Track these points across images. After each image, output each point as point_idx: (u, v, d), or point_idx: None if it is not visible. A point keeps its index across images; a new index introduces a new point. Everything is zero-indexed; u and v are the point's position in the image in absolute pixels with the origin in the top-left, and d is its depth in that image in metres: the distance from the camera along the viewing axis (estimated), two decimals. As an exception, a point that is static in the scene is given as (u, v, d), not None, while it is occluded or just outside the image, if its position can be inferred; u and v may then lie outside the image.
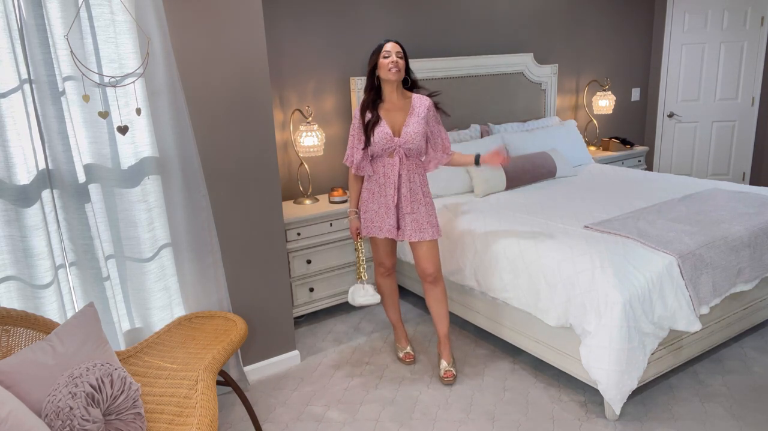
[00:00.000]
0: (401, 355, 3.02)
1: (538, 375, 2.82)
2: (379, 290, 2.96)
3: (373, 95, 2.63)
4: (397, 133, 2.62)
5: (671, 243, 2.60)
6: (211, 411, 1.80)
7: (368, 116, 2.63)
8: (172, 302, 2.58)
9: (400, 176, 2.63)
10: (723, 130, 5.49)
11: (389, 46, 2.57)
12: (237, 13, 2.52)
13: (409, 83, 2.67)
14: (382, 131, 2.59)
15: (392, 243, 2.84)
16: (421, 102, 2.65)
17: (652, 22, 5.51)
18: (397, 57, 2.55)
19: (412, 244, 2.73)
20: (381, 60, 2.56)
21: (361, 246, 2.86)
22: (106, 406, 1.69)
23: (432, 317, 2.85)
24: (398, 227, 2.69)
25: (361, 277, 2.88)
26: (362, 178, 2.77)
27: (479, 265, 2.92)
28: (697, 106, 5.50)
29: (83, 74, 2.15)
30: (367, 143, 2.62)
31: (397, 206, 2.66)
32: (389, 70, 2.54)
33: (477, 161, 2.67)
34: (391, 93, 2.62)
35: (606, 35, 5.24)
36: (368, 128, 2.61)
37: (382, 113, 2.62)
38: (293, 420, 2.56)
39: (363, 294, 2.87)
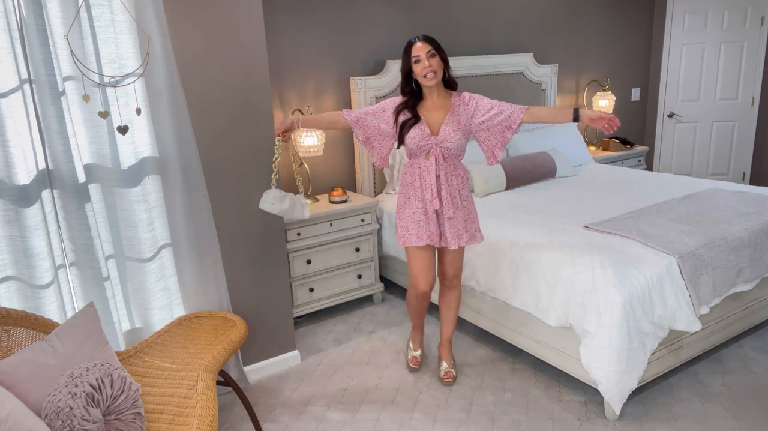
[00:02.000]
0: (409, 357, 2.94)
1: (538, 375, 2.82)
2: (408, 308, 2.78)
3: (412, 100, 2.45)
4: (435, 131, 2.44)
5: (671, 243, 2.60)
6: (211, 411, 1.80)
7: (405, 115, 2.46)
8: (172, 302, 2.58)
9: (438, 177, 2.44)
10: (723, 130, 5.48)
11: (417, 48, 2.35)
12: (237, 13, 2.52)
13: (449, 81, 2.46)
14: (419, 127, 2.42)
15: (431, 257, 2.58)
16: (460, 100, 2.47)
17: (652, 22, 5.51)
18: (428, 58, 2.33)
19: (440, 249, 2.59)
20: (414, 66, 2.38)
21: (279, 144, 2.48)
22: (106, 406, 1.69)
23: (440, 318, 2.82)
24: (440, 234, 2.51)
25: (274, 180, 2.52)
26: (339, 123, 2.54)
27: (479, 265, 2.92)
28: (697, 107, 5.50)
29: (83, 74, 2.15)
30: (401, 141, 2.47)
31: (436, 211, 2.48)
32: (424, 77, 2.35)
33: (576, 116, 2.31)
34: (431, 94, 2.45)
35: (606, 35, 5.24)
36: (404, 127, 2.44)
37: (422, 111, 2.45)
38: (293, 420, 2.56)
39: (273, 201, 2.44)
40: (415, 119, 2.43)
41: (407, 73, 2.43)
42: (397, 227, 2.56)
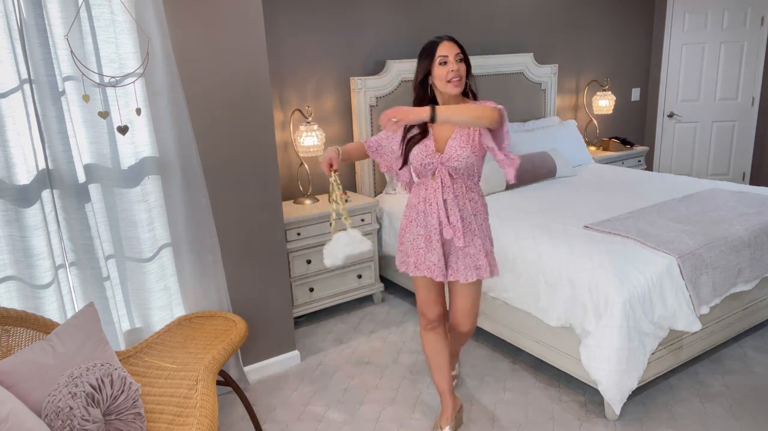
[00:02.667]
0: None
1: (538, 375, 2.82)
2: (424, 353, 2.39)
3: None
4: (441, 148, 2.10)
5: (671, 243, 2.60)
6: (211, 411, 1.80)
7: (414, 130, 2.15)
8: (172, 302, 2.58)
9: (445, 201, 2.11)
10: (723, 130, 5.48)
11: (445, 48, 2.03)
12: (237, 13, 2.52)
13: (468, 93, 2.14)
14: (424, 143, 2.11)
15: (438, 287, 2.30)
16: None
17: (652, 22, 5.51)
18: (457, 61, 2.03)
19: (450, 283, 2.26)
20: (437, 68, 2.03)
21: (337, 182, 2.17)
22: (106, 406, 1.69)
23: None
24: (447, 266, 2.19)
25: (332, 224, 2.22)
26: (363, 153, 2.33)
27: (479, 265, 2.91)
28: (697, 107, 5.50)
29: (83, 74, 2.15)
30: (405, 161, 2.17)
31: (443, 239, 2.15)
32: (449, 82, 2.02)
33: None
34: (444, 102, 2.11)
35: (606, 35, 5.24)
36: (409, 143, 2.14)
37: (432, 125, 2.11)
38: (293, 420, 2.56)
39: (348, 242, 2.12)
40: (422, 133, 2.13)
41: (423, 79, 2.10)
42: (398, 251, 2.31)
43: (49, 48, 2.09)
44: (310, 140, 3.42)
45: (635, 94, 5.62)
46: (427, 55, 2.07)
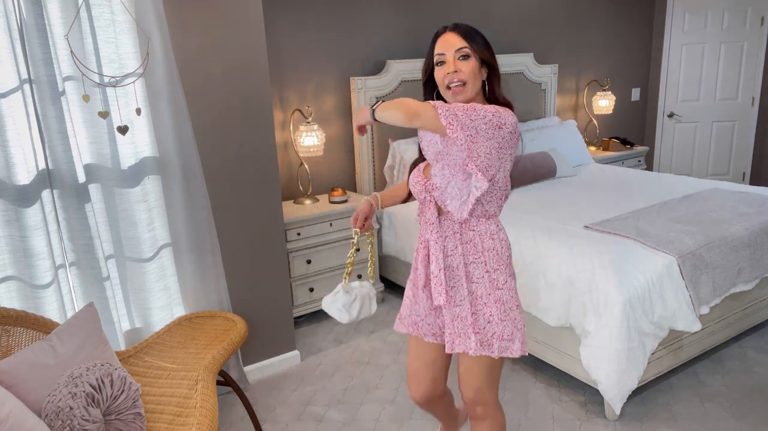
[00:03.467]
0: None
1: (538, 375, 2.82)
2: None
3: None
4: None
5: (671, 243, 2.60)
6: (211, 411, 1.80)
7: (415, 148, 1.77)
8: (172, 302, 2.58)
9: (426, 241, 1.65)
10: (723, 130, 5.48)
11: (444, 42, 1.55)
12: (237, 12, 2.52)
13: (490, 92, 1.60)
14: (418, 167, 1.69)
15: (429, 353, 1.77)
16: None
17: (652, 22, 5.51)
18: (458, 59, 1.53)
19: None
20: (435, 70, 1.58)
21: (358, 237, 1.85)
22: (106, 406, 1.69)
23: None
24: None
25: (346, 281, 1.87)
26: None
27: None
28: (697, 106, 5.50)
29: (83, 74, 2.15)
30: (410, 194, 1.76)
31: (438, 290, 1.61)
32: (448, 88, 1.55)
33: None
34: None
35: (606, 35, 5.24)
36: (409, 168, 1.77)
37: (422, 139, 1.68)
38: (293, 420, 2.56)
39: (360, 302, 1.83)
40: (421, 155, 1.72)
41: (429, 78, 1.64)
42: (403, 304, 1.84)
43: (49, 48, 2.09)
44: (310, 140, 3.42)
45: (635, 94, 5.62)
46: (430, 50, 1.62)
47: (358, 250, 1.78)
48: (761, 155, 5.45)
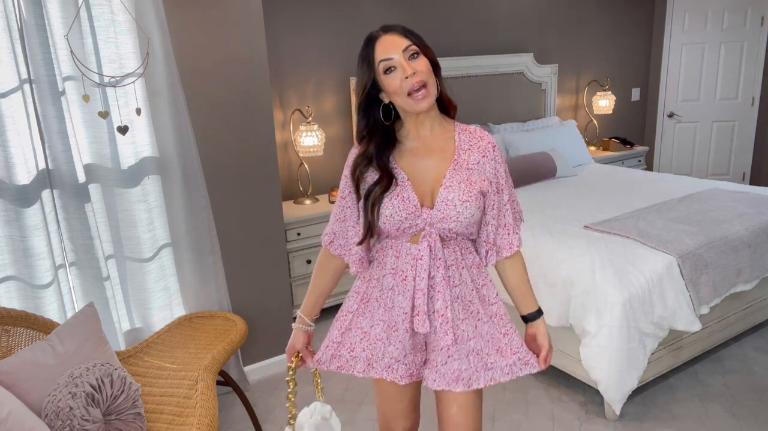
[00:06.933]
0: None
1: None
2: None
3: (378, 141, 1.40)
4: (428, 199, 1.40)
5: (671, 243, 2.60)
6: (211, 411, 1.80)
7: (370, 175, 1.41)
8: (172, 302, 2.58)
9: (432, 277, 1.40)
10: (723, 130, 5.48)
11: (385, 46, 1.32)
12: (237, 13, 2.52)
13: (444, 102, 1.43)
14: (398, 195, 1.38)
15: (406, 392, 1.58)
16: (473, 141, 1.42)
17: (652, 22, 5.51)
18: (409, 59, 1.32)
19: (438, 393, 1.50)
20: (384, 81, 1.34)
21: (293, 373, 1.67)
22: (106, 406, 1.69)
23: None
24: (426, 361, 1.48)
25: (290, 421, 1.68)
26: (340, 265, 1.63)
27: (479, 265, 2.91)
28: (697, 107, 5.50)
29: (83, 74, 2.15)
30: (368, 230, 1.41)
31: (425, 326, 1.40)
32: (410, 96, 1.32)
33: (531, 318, 1.53)
34: (416, 124, 1.41)
35: (606, 35, 5.24)
36: (371, 201, 1.38)
37: (401, 162, 1.41)
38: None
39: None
40: (388, 179, 1.38)
41: (368, 96, 1.38)
42: (330, 343, 1.61)
43: (49, 48, 2.09)
44: (310, 140, 3.42)
45: (635, 94, 5.62)
46: (364, 62, 1.36)
47: (296, 385, 1.63)
48: (761, 155, 5.45)
